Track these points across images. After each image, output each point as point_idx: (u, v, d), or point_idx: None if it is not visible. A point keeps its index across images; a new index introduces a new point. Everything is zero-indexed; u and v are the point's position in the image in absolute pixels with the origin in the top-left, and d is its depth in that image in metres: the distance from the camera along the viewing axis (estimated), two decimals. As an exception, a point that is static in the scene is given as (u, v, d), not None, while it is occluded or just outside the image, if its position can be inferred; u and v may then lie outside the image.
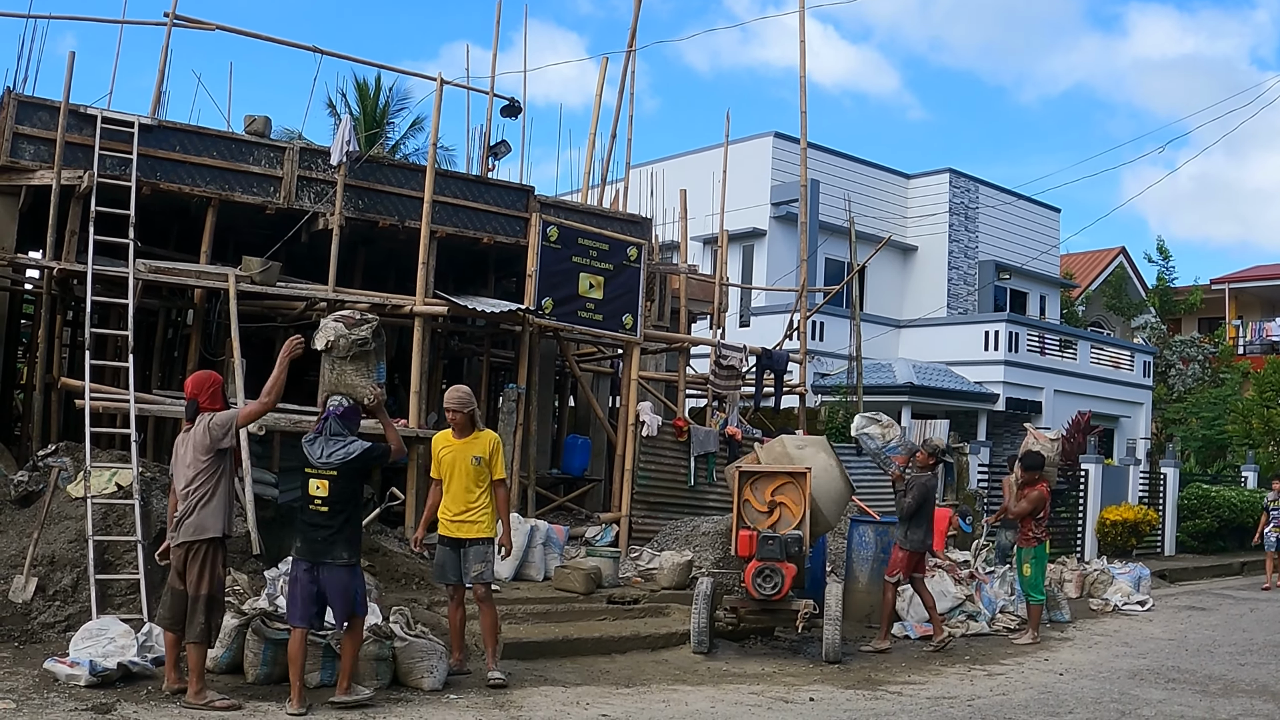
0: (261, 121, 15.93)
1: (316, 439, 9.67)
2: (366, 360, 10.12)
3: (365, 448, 9.64)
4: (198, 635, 9.07)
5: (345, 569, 9.42)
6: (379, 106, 33.67)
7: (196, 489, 9.22)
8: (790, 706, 10.42)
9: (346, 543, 9.47)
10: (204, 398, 9.49)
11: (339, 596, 9.41)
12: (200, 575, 9.10)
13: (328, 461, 9.49)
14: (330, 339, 10.00)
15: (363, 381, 10.08)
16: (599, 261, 17.10)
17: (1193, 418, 38.41)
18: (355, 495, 9.75)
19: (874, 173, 37.68)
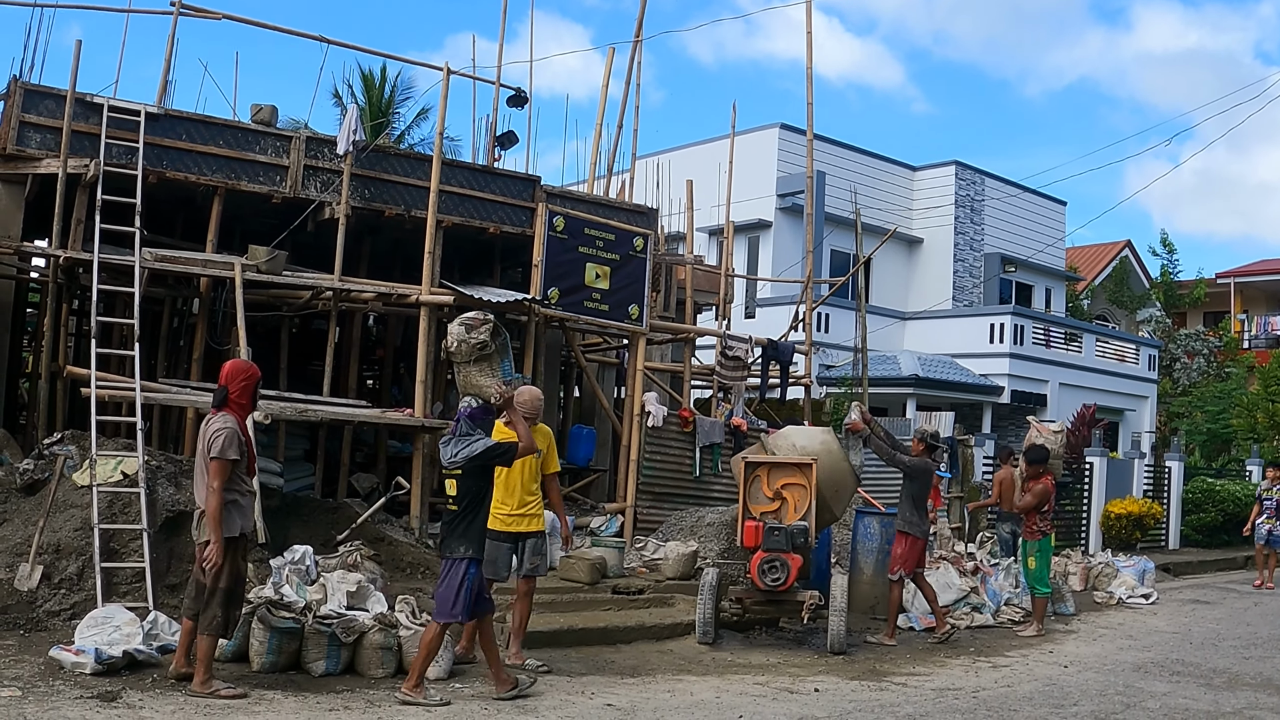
0: (268, 110, 15.93)
1: (449, 440, 9.81)
2: (489, 361, 10.41)
3: (487, 446, 9.72)
4: (208, 626, 9.05)
5: (456, 562, 9.58)
6: (384, 97, 33.63)
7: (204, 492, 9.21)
8: (795, 697, 10.42)
9: (465, 537, 9.64)
10: (234, 388, 9.40)
11: (444, 587, 9.58)
12: (218, 570, 9.09)
13: (454, 461, 9.68)
14: (451, 345, 10.34)
15: (487, 381, 10.29)
16: (605, 252, 17.09)
17: (1197, 411, 38.38)
18: (480, 493, 9.87)
19: (880, 165, 37.68)
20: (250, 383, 9.55)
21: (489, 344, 10.37)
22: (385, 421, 15.40)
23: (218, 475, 9.04)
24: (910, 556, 13.84)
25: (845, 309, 30.46)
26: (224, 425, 9.16)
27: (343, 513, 13.83)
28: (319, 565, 11.53)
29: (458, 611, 9.51)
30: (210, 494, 9.08)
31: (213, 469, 9.06)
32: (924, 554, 14.24)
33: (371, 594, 10.95)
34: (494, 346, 10.40)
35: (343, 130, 15.47)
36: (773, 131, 35.06)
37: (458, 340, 10.33)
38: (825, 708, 10.05)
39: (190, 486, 12.21)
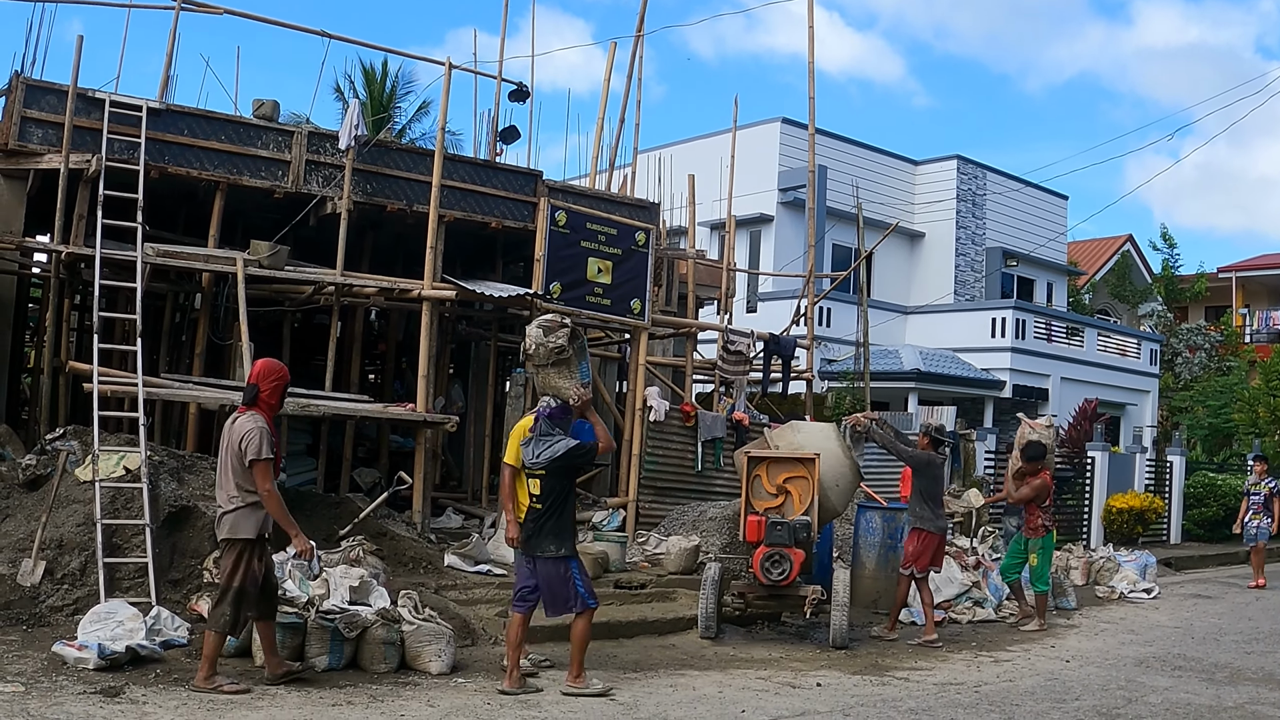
0: (269, 106, 15.93)
1: (530, 441, 10.07)
2: (568, 364, 10.48)
3: (570, 446, 10.00)
4: (217, 624, 9.09)
5: (554, 561, 9.86)
6: (386, 91, 33.63)
7: (232, 492, 9.22)
8: (798, 692, 10.43)
9: (555, 536, 9.89)
10: (266, 387, 9.40)
11: (548, 588, 9.89)
12: (233, 569, 9.12)
13: (536, 462, 9.94)
14: (530, 348, 10.47)
15: (566, 383, 10.42)
16: (607, 246, 17.09)
17: (1199, 406, 38.35)
18: (564, 491, 10.08)
19: (882, 159, 37.66)
20: (281, 383, 9.57)
21: (567, 348, 10.47)
22: (387, 416, 15.42)
23: (264, 477, 9.10)
24: (923, 553, 13.65)
25: (847, 303, 30.45)
26: (255, 424, 9.18)
27: (345, 508, 13.83)
28: (321, 560, 11.52)
29: (579, 602, 9.90)
30: (266, 497, 9.14)
31: (257, 472, 9.09)
32: (939, 550, 14.01)
33: (374, 589, 10.95)
34: (572, 350, 10.53)
35: (344, 125, 15.46)
36: (774, 126, 35.04)
37: (536, 343, 10.47)
38: (827, 702, 10.06)
39: (192, 482, 12.26)
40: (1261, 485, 21.56)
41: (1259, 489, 21.55)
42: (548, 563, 9.87)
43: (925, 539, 13.67)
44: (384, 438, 18.09)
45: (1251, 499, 21.58)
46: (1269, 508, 21.35)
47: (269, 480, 9.12)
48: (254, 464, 9.07)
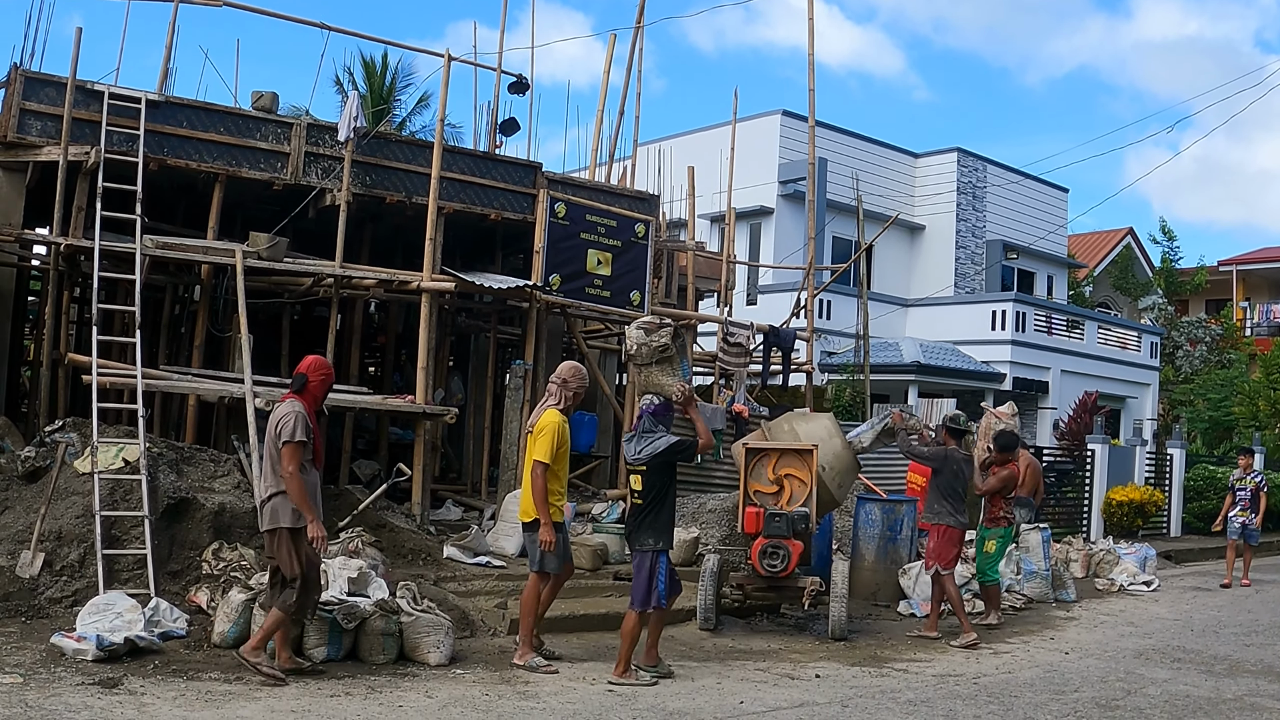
0: (269, 97, 15.92)
1: (633, 437, 10.46)
2: (671, 362, 10.83)
3: (671, 442, 10.31)
4: (283, 604, 9.19)
5: (648, 554, 10.17)
6: (385, 84, 33.58)
7: (274, 483, 9.31)
8: (796, 683, 10.43)
9: (652, 529, 10.20)
10: (314, 378, 9.55)
11: (637, 577, 10.22)
12: (289, 559, 9.22)
13: (638, 457, 10.27)
14: (631, 348, 10.83)
15: (669, 380, 10.76)
16: (607, 238, 17.09)
17: (1199, 399, 38.36)
18: (665, 487, 10.35)
19: (882, 151, 37.63)
20: (328, 380, 9.70)
21: (670, 347, 10.83)
22: (387, 408, 15.42)
23: (290, 459, 9.15)
24: (941, 549, 13.40)
25: (847, 296, 30.44)
26: (293, 409, 9.28)
27: (344, 499, 13.84)
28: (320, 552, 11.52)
29: (654, 599, 10.11)
30: (288, 478, 9.19)
31: (285, 453, 9.16)
32: (958, 546, 13.73)
33: (373, 580, 10.95)
34: (674, 349, 10.82)
35: (343, 117, 15.45)
36: (774, 118, 35.02)
37: (637, 344, 10.78)
38: (826, 694, 10.06)
39: (191, 474, 12.27)
40: (1247, 480, 20.46)
41: (1244, 484, 20.45)
42: (642, 555, 10.19)
43: (946, 534, 13.44)
44: (383, 430, 18.08)
45: (1237, 494, 20.45)
46: (1255, 503, 20.24)
47: (294, 463, 9.17)
48: (284, 445, 9.14)
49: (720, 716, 9.00)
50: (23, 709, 7.65)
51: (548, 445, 10.36)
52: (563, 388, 10.68)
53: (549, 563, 10.48)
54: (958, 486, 13.58)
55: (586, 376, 11.25)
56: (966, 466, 13.81)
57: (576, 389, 10.76)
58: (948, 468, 13.60)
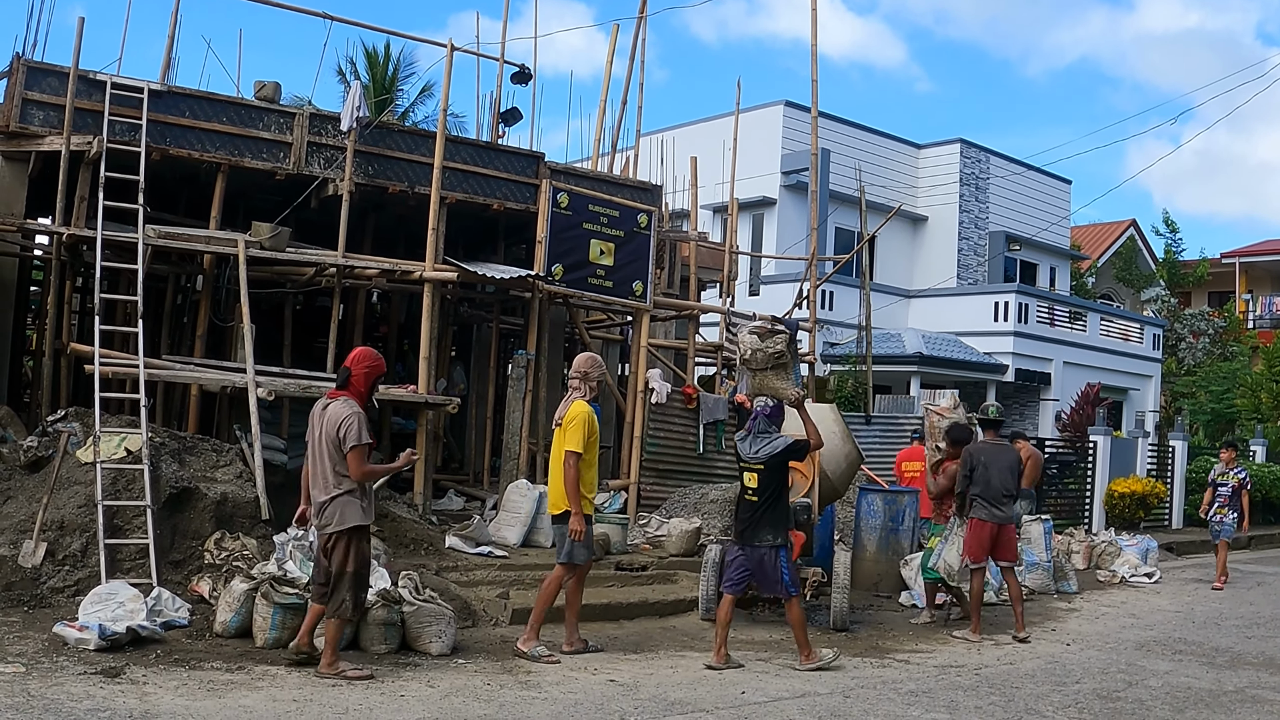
0: (271, 87, 15.90)
1: (746, 437, 10.99)
2: (785, 367, 11.34)
3: (789, 443, 10.83)
4: (336, 610, 9.18)
5: (770, 550, 10.65)
6: (388, 74, 33.57)
7: (338, 483, 9.27)
8: (798, 673, 10.44)
9: (771, 526, 10.69)
10: (358, 371, 9.48)
11: (764, 575, 10.73)
12: (345, 556, 9.20)
13: (756, 456, 10.77)
14: (746, 354, 11.33)
15: (783, 384, 11.32)
16: (609, 228, 17.09)
17: (1201, 391, 38.31)
18: (780, 485, 10.85)
19: (885, 142, 37.59)
20: (373, 371, 9.59)
21: (785, 354, 11.34)
22: (389, 398, 15.41)
23: (358, 462, 9.17)
24: (974, 542, 13.08)
25: (850, 287, 30.39)
26: (351, 410, 9.24)
27: (346, 489, 13.82)
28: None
29: (784, 589, 10.72)
30: (365, 476, 9.28)
31: (352, 459, 9.15)
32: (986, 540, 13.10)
33: (375, 570, 10.94)
34: (788, 355, 11.27)
35: (346, 106, 15.43)
36: (777, 109, 34.98)
37: (753, 349, 11.30)
38: (828, 684, 10.06)
39: (193, 463, 12.27)
40: (1230, 475, 19.33)
41: (1227, 479, 19.32)
42: (762, 550, 10.65)
43: (976, 526, 13.07)
44: (385, 419, 18.08)
45: (1219, 490, 19.34)
46: (1237, 500, 19.15)
47: (363, 464, 9.21)
48: (351, 450, 9.13)
49: (722, 706, 9.01)
50: (25, 698, 7.66)
51: (580, 435, 10.42)
52: (584, 380, 10.79)
53: (579, 553, 10.55)
54: (990, 478, 13.09)
55: (604, 365, 11.37)
56: (1001, 455, 13.36)
57: (598, 379, 10.92)
58: (975, 461, 13.23)
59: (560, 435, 10.59)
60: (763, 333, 11.31)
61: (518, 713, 8.36)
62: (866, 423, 21.89)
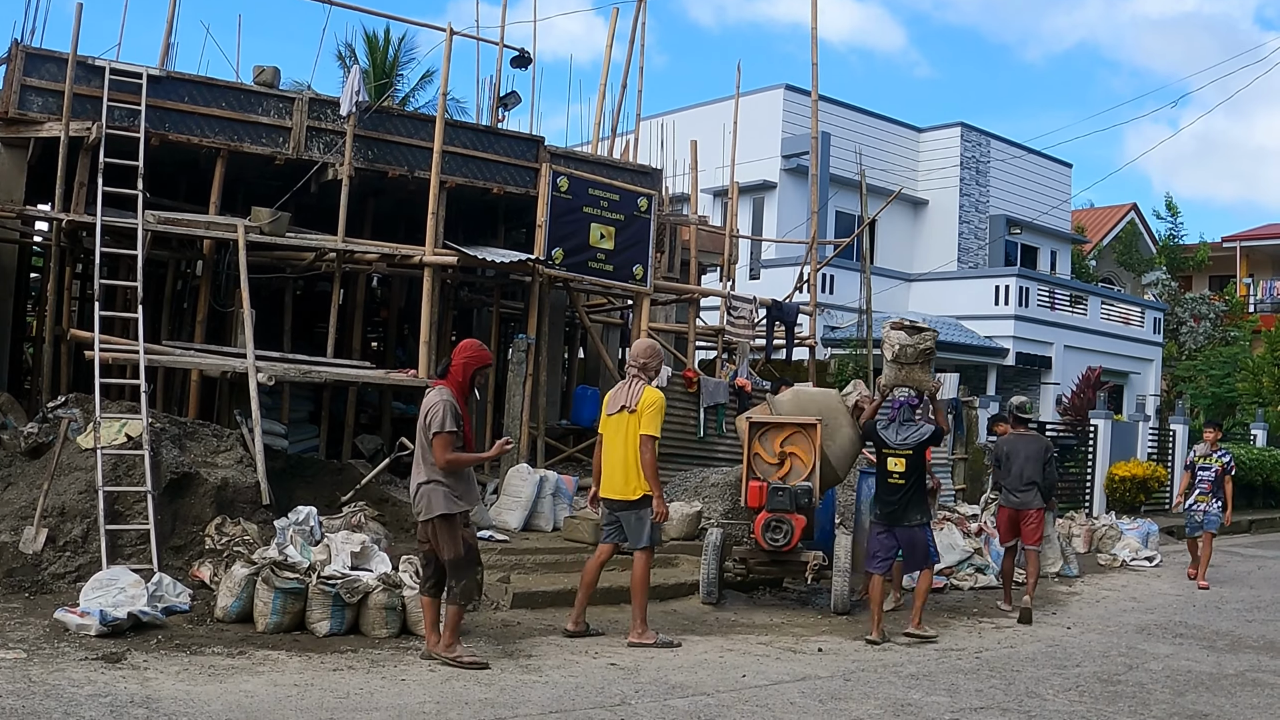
0: (270, 72, 15.87)
1: (890, 424, 11.87)
2: (929, 361, 12.08)
3: (931, 430, 11.83)
4: (454, 598, 9.26)
5: (918, 528, 11.66)
6: (388, 59, 33.55)
7: (425, 473, 9.37)
8: (799, 657, 10.45)
9: (918, 507, 11.69)
10: (457, 361, 9.51)
11: (913, 551, 11.71)
12: (443, 545, 9.29)
13: (904, 442, 11.68)
14: (895, 349, 11.96)
15: (925, 377, 12.05)
16: (609, 212, 17.06)
17: (1202, 375, 38.31)
18: (921, 468, 11.82)
19: (885, 126, 37.53)
20: (472, 362, 9.58)
21: (933, 349, 12.06)
22: (389, 383, 15.43)
23: (443, 449, 9.21)
24: (999, 526, 14.35)
25: (850, 270, 30.35)
26: (441, 399, 9.28)
27: (347, 474, 13.85)
28: (323, 526, 11.55)
29: (928, 560, 11.89)
30: (449, 464, 9.29)
31: (436, 445, 9.21)
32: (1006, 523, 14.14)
33: (375, 554, 10.95)
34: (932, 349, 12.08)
35: (345, 91, 15.41)
36: (777, 92, 34.93)
37: (902, 345, 11.95)
38: (829, 667, 10.07)
39: (194, 449, 12.29)
40: (1213, 459, 17.39)
41: (1209, 462, 17.36)
42: (912, 530, 11.60)
43: (999, 512, 14.36)
44: (386, 404, 18.09)
45: (1199, 475, 17.39)
46: (1219, 488, 17.21)
47: (447, 451, 9.23)
48: (435, 436, 9.19)
49: (722, 689, 9.01)
50: (27, 684, 7.67)
51: (658, 420, 10.59)
52: (644, 370, 10.86)
53: (657, 535, 10.85)
54: (1011, 467, 14.07)
55: (660, 352, 11.48)
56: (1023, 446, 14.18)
57: (656, 367, 11.07)
58: (998, 453, 14.56)
59: (629, 420, 10.65)
60: (911, 330, 12.00)
61: (519, 696, 8.37)
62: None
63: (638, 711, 8.15)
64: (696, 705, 8.44)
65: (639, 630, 10.53)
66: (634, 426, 10.56)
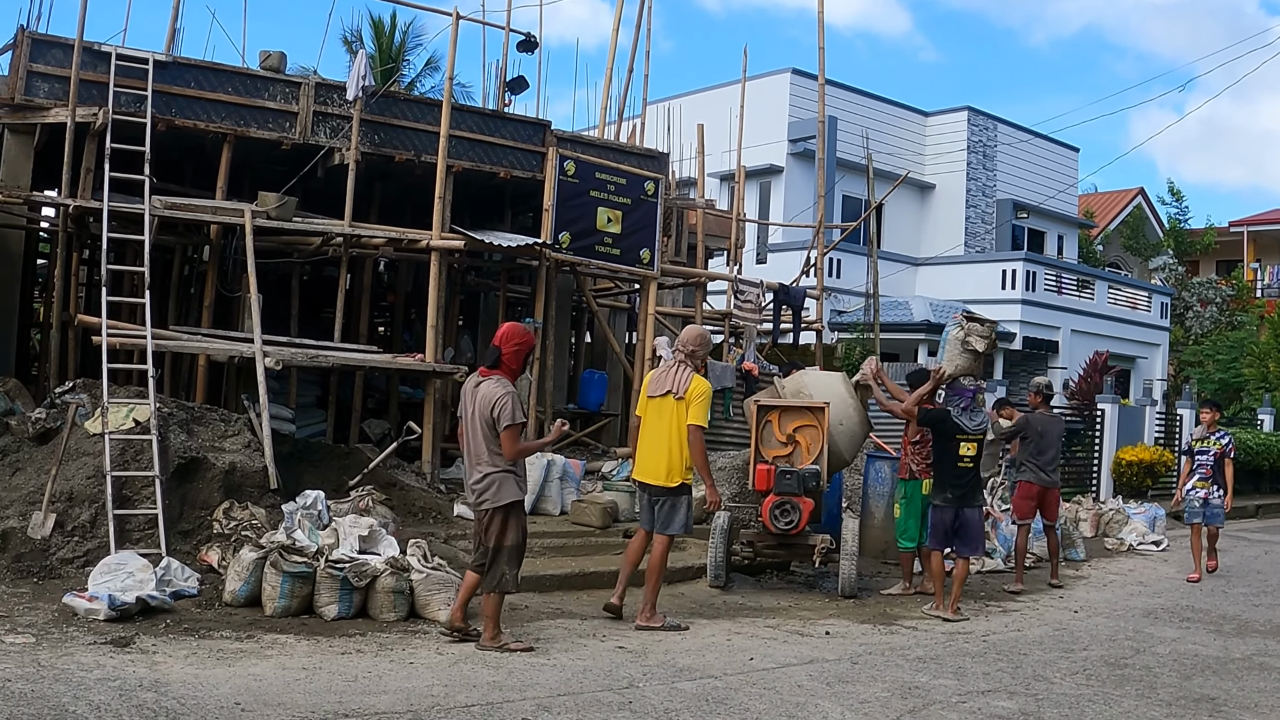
0: (277, 57, 15.85)
1: (964, 411, 12.32)
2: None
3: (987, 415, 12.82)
4: (494, 584, 9.32)
5: (977, 510, 12.21)
6: (394, 44, 33.51)
7: (493, 460, 9.38)
8: (806, 640, 10.46)
9: (979, 490, 12.42)
10: (508, 350, 9.50)
11: (970, 533, 12.17)
12: (502, 532, 9.35)
13: (980, 428, 12.25)
14: (982, 347, 12.91)
15: (979, 367, 12.99)
16: (616, 196, 17.04)
17: (1209, 360, 38.27)
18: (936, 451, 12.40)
19: (892, 110, 37.48)
20: (523, 348, 9.62)
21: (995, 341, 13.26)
22: (397, 367, 15.42)
23: (513, 441, 9.32)
24: (1023, 502, 14.83)
25: (857, 254, 30.36)
26: (504, 390, 9.32)
27: (355, 458, 13.86)
28: (331, 510, 11.56)
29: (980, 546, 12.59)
30: (519, 454, 9.49)
31: (506, 438, 9.28)
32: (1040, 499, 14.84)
33: (383, 538, 10.97)
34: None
35: (352, 76, 15.39)
36: (784, 76, 34.88)
37: (988, 342, 12.95)
38: (836, 650, 10.08)
39: (202, 434, 12.28)
40: (1211, 441, 16.11)
41: (1207, 445, 16.08)
42: (976, 511, 12.19)
43: (1022, 489, 14.89)
44: (393, 388, 18.09)
45: (1198, 460, 16.13)
46: (1220, 473, 15.95)
47: (517, 443, 9.36)
48: (506, 429, 9.25)
49: (730, 672, 9.02)
50: (35, 668, 7.69)
51: (706, 409, 10.77)
52: (691, 357, 10.98)
53: (688, 525, 11.02)
54: (1044, 446, 14.83)
55: (709, 339, 11.53)
56: (1053, 426, 15.18)
57: (703, 356, 11.23)
58: (1031, 430, 14.97)
59: (675, 408, 10.76)
60: (983, 322, 12.94)
61: (527, 679, 8.38)
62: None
63: (645, 694, 8.16)
64: (704, 688, 8.45)
65: (647, 614, 10.57)
66: (680, 414, 10.70)
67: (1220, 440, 15.99)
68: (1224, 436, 16.12)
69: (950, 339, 12.92)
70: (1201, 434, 16.26)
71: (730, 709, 7.87)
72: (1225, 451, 15.89)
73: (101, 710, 6.83)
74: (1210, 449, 15.96)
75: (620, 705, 7.79)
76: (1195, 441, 16.28)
